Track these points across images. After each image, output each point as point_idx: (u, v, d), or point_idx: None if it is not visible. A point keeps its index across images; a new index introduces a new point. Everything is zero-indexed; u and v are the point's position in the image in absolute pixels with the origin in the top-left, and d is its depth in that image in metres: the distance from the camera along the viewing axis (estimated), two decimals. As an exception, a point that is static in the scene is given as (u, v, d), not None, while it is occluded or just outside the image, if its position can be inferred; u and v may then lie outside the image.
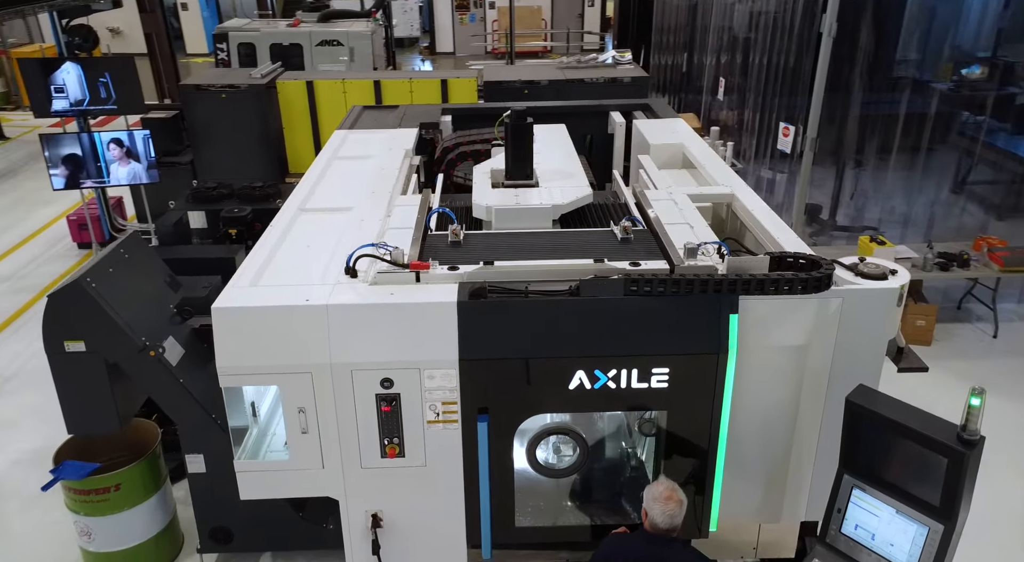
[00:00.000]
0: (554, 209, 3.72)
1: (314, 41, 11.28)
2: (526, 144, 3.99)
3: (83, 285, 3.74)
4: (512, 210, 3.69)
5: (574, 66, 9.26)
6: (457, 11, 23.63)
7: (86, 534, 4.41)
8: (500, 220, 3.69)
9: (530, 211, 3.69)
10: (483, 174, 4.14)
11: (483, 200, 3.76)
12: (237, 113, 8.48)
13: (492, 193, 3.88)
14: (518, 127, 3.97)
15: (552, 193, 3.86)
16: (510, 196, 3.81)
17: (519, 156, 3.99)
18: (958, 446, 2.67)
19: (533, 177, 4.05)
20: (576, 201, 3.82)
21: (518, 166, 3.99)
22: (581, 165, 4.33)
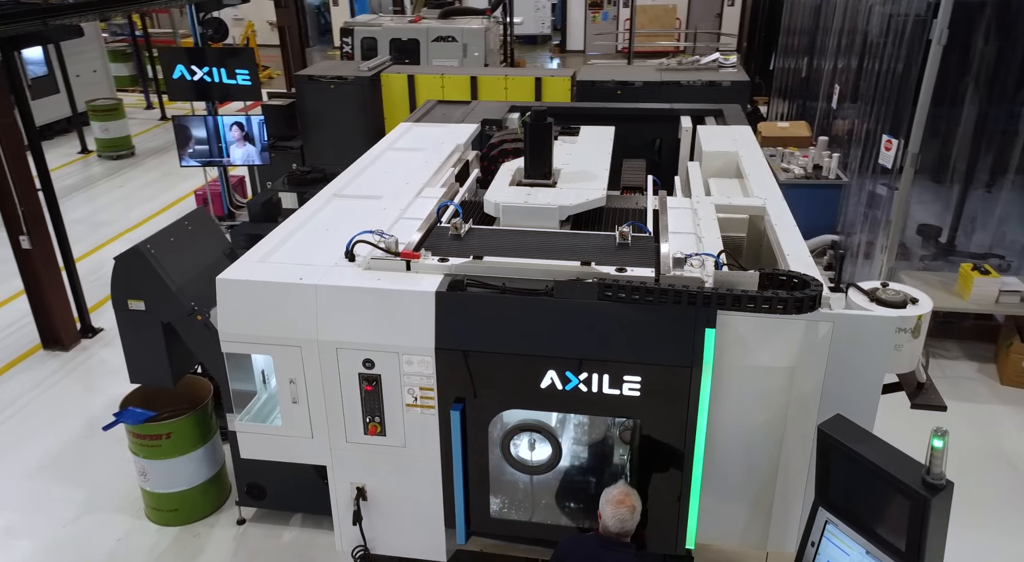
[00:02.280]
0: (560, 210, 3.74)
1: (430, 37, 11.74)
2: (545, 144, 4.03)
3: (143, 250, 4.22)
4: (519, 208, 3.76)
5: (673, 68, 9.08)
6: (590, 9, 23.60)
7: (143, 474, 4.96)
8: (507, 217, 3.78)
9: (536, 210, 3.74)
10: (507, 171, 4.23)
11: (494, 196, 3.86)
12: (343, 103, 9.03)
13: (506, 190, 3.96)
14: (536, 127, 4.02)
15: (563, 194, 3.89)
16: (521, 194, 3.88)
17: (537, 156, 4.05)
18: (921, 490, 2.48)
19: (552, 177, 4.08)
20: (584, 203, 3.83)
21: (536, 166, 4.05)
22: (606, 168, 4.31)
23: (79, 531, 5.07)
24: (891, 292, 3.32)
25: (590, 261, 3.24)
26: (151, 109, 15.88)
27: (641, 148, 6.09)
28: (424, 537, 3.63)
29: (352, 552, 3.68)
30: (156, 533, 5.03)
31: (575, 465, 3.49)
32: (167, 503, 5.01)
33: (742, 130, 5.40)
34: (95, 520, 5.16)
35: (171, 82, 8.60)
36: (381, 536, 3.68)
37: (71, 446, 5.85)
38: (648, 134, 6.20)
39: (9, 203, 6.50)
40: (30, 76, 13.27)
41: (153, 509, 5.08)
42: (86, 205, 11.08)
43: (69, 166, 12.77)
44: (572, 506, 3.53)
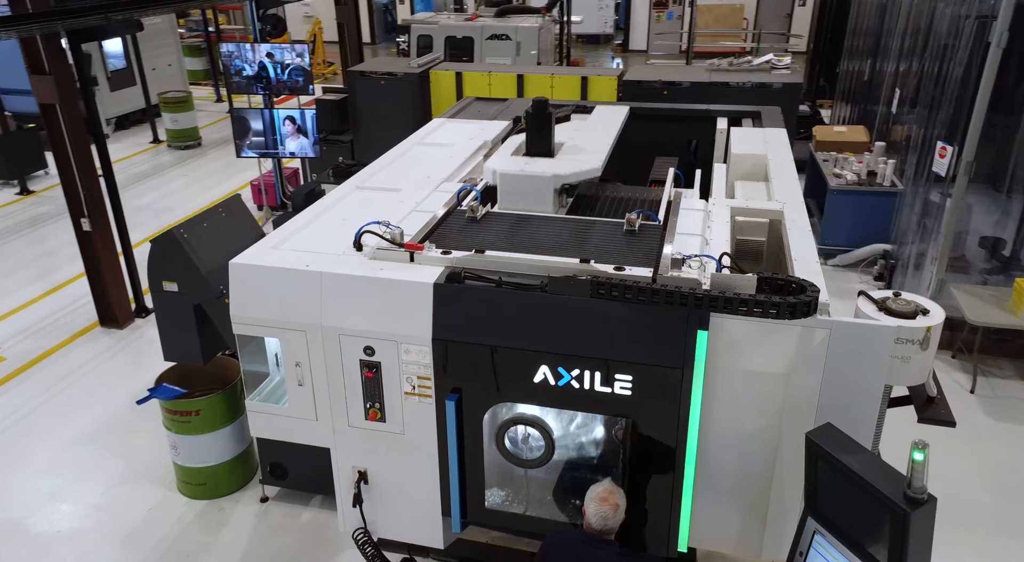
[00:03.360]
0: (555, 178, 3.84)
1: (485, 35, 11.85)
2: (545, 129, 4.11)
3: (176, 234, 4.43)
4: (515, 175, 3.88)
5: (723, 69, 8.93)
6: (655, 8, 23.32)
7: (174, 448, 5.21)
8: (504, 184, 3.89)
9: (531, 178, 3.83)
10: (512, 143, 4.36)
11: (493, 164, 3.97)
12: (393, 98, 9.24)
13: (507, 159, 4.06)
14: (537, 116, 4.08)
15: (559, 164, 3.96)
16: (520, 163, 3.97)
17: (538, 136, 4.12)
18: (901, 503, 2.42)
19: (552, 153, 4.14)
20: (578, 173, 3.90)
21: (536, 144, 4.13)
22: (608, 144, 4.36)
23: (115, 498, 5.37)
24: (901, 302, 3.23)
25: (589, 259, 3.25)
26: (220, 102, 16.52)
27: (678, 148, 6.04)
28: (422, 524, 3.72)
29: (353, 534, 3.79)
30: (184, 505, 5.28)
31: (570, 461, 3.50)
32: (196, 477, 5.25)
33: (776, 133, 5.29)
34: (131, 489, 5.45)
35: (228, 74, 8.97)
36: (381, 520, 3.79)
37: (117, 418, 6.18)
38: (686, 135, 6.14)
39: (72, 187, 6.91)
40: (110, 69, 14.01)
41: (183, 482, 5.33)
42: (152, 192, 11.63)
43: (140, 155, 13.42)
44: (566, 502, 3.55)
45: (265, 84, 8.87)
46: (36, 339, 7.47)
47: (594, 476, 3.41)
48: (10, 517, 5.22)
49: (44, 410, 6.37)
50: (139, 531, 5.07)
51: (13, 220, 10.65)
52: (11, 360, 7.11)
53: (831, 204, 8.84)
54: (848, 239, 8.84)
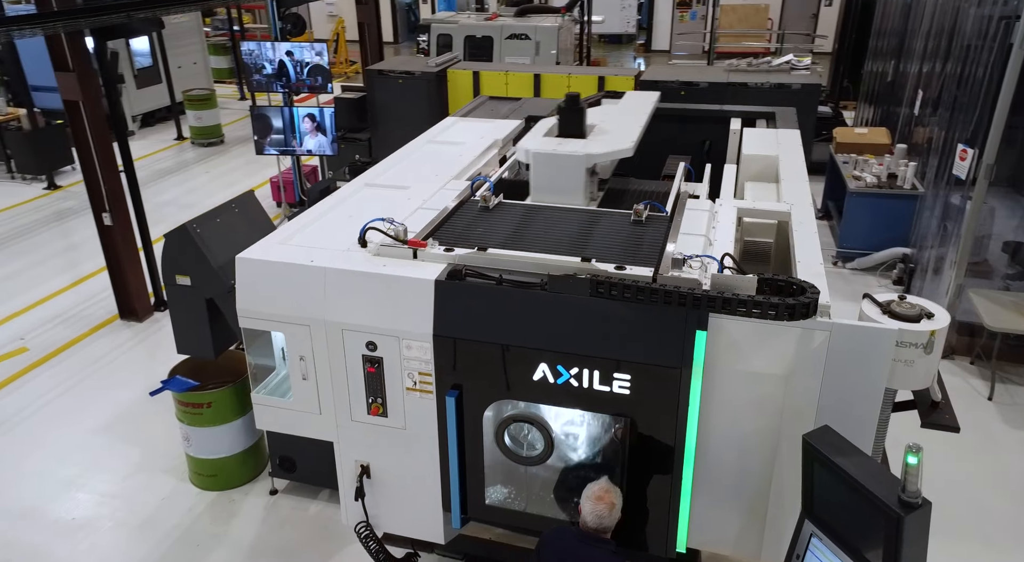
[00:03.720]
0: (587, 157, 3.87)
1: (504, 34, 11.87)
2: (578, 112, 4.16)
3: (188, 229, 4.52)
4: (548, 155, 3.91)
5: (742, 69, 8.86)
6: (678, 8, 23.19)
7: (186, 439, 5.30)
8: (537, 163, 3.94)
9: (565, 157, 3.87)
10: (544, 125, 4.39)
11: (526, 144, 4.01)
12: (410, 97, 9.30)
13: (539, 139, 4.10)
14: (569, 109, 4.11)
15: (592, 144, 4.00)
16: (552, 143, 4.01)
17: (570, 119, 4.18)
18: (895, 507, 2.40)
19: (584, 135, 4.17)
20: (611, 152, 3.94)
21: (568, 125, 4.18)
22: (640, 125, 4.38)
23: (130, 487, 5.48)
24: (906, 305, 3.19)
25: (591, 257, 3.26)
26: (244, 100, 16.74)
27: (692, 149, 6.02)
28: (423, 518, 3.75)
29: (356, 527, 3.83)
30: (196, 496, 5.37)
31: (570, 460, 3.51)
32: (207, 468, 5.34)
33: (789, 134, 5.25)
34: (145, 479, 5.55)
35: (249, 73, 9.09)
36: (384, 514, 3.83)
37: (133, 409, 6.30)
38: (699, 135, 6.11)
39: (94, 183, 7.05)
40: (137, 66, 14.25)
41: (195, 473, 5.42)
42: (176, 188, 11.82)
43: (165, 151, 13.65)
44: (567, 500, 3.56)
45: (285, 82, 8.97)
46: (58, 330, 7.63)
47: (594, 475, 3.42)
48: (29, 503, 5.35)
49: (64, 400, 6.52)
50: (151, 520, 5.17)
51: (41, 214, 10.88)
52: (34, 351, 7.28)
53: (850, 207, 8.74)
54: (867, 242, 8.74)
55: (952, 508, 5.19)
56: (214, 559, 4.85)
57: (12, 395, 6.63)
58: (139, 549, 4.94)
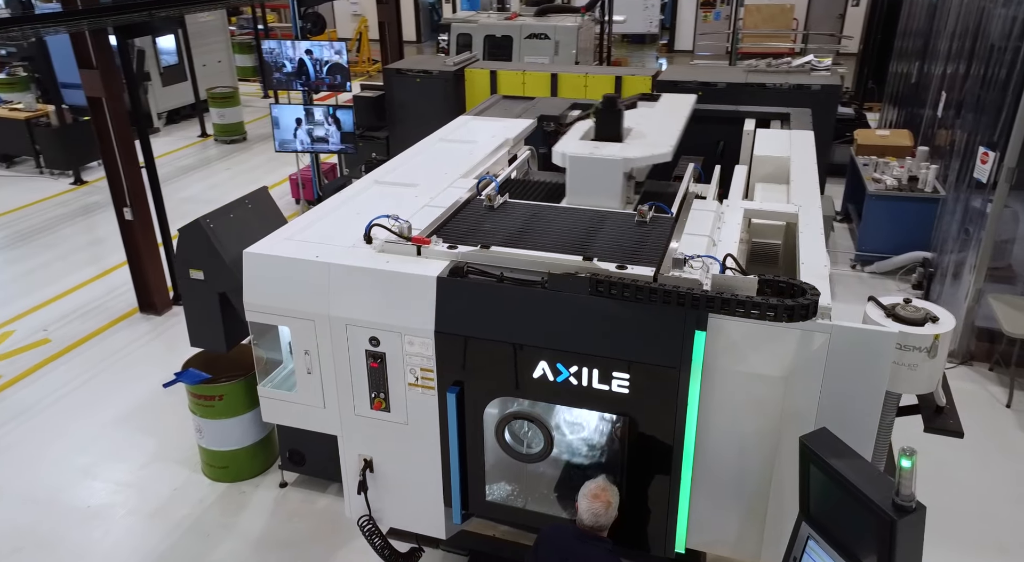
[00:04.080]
0: (624, 162, 3.84)
1: (523, 34, 11.89)
2: (615, 114, 4.13)
3: (202, 224, 4.59)
4: (585, 159, 3.89)
5: (761, 70, 8.79)
6: (702, 8, 23.03)
7: (199, 431, 5.39)
8: (574, 167, 3.93)
9: (602, 162, 3.85)
10: (580, 128, 4.36)
11: (563, 147, 3.99)
12: (428, 96, 9.34)
13: (575, 142, 4.08)
14: (607, 111, 4.10)
15: (629, 148, 3.97)
16: (589, 146, 3.99)
17: (607, 122, 4.15)
18: (888, 510, 2.38)
19: (621, 139, 4.15)
20: (648, 157, 3.90)
21: (605, 128, 4.15)
22: (678, 130, 4.34)
23: (143, 477, 5.58)
24: (911, 309, 3.17)
25: (592, 256, 3.27)
26: (267, 98, 16.91)
27: (706, 149, 5.99)
28: (424, 513, 3.78)
29: (358, 520, 3.87)
30: (207, 487, 5.46)
31: (570, 458, 3.52)
32: (219, 460, 5.42)
33: (803, 135, 5.20)
34: (158, 469, 5.66)
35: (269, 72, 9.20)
36: (387, 508, 3.87)
37: (149, 400, 6.42)
38: (713, 136, 6.09)
39: (116, 178, 7.19)
40: (163, 64, 14.48)
41: (207, 464, 5.51)
42: (198, 184, 11.99)
43: (188, 148, 13.85)
44: (567, 497, 3.57)
45: (304, 81, 9.07)
46: (80, 322, 7.79)
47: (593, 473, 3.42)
48: (46, 491, 5.47)
49: (83, 390, 6.66)
50: (163, 509, 5.27)
51: (67, 208, 11.11)
52: (56, 342, 7.44)
53: (869, 210, 8.64)
54: (887, 246, 8.63)
55: (968, 516, 5.12)
56: (222, 550, 4.93)
57: (34, 385, 6.78)
58: (150, 538, 5.03)
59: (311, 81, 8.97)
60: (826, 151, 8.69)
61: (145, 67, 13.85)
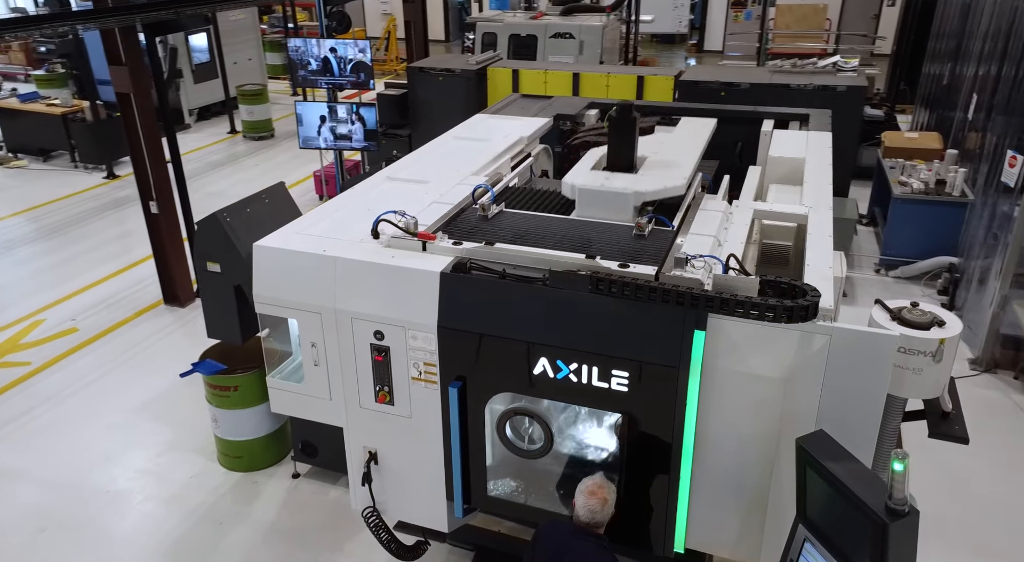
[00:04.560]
0: (635, 195, 3.69)
1: (548, 33, 11.89)
2: (629, 137, 3.96)
3: (219, 218, 4.69)
4: (594, 191, 3.74)
5: (786, 70, 8.70)
6: (732, 8, 22.81)
7: (215, 421, 5.50)
8: (583, 199, 3.78)
9: (611, 195, 3.72)
10: (592, 156, 4.16)
11: (573, 179, 3.84)
12: (450, 94, 9.41)
13: (586, 173, 3.93)
14: (621, 121, 3.98)
15: (642, 180, 3.82)
16: (600, 178, 3.84)
17: (620, 148, 3.96)
18: (881, 514, 2.36)
19: (634, 168, 4.01)
20: (661, 190, 3.73)
21: (618, 157, 3.97)
22: (695, 159, 4.18)
23: (161, 464, 5.71)
24: (917, 313, 3.14)
25: (595, 255, 3.27)
26: (296, 96, 17.13)
27: (724, 150, 5.95)
28: (428, 507, 3.82)
29: (362, 511, 3.93)
30: (222, 476, 5.57)
31: (571, 455, 3.54)
32: (233, 450, 5.53)
33: (820, 136, 5.15)
34: (176, 457, 5.78)
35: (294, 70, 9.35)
36: (391, 500, 3.91)
37: (170, 390, 6.56)
38: (732, 136, 6.04)
39: (142, 172, 7.36)
40: (195, 62, 14.75)
41: (222, 454, 5.62)
42: (225, 180, 12.20)
43: (217, 144, 14.09)
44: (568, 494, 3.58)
45: (329, 78, 9.19)
46: (107, 313, 7.98)
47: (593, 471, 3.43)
48: (70, 474, 5.63)
49: (108, 379, 6.83)
50: (179, 496, 5.39)
51: (99, 202, 11.38)
52: (83, 331, 7.64)
53: (894, 213, 8.49)
54: (912, 250, 8.48)
55: (989, 528, 5.03)
56: (234, 537, 5.03)
57: (61, 372, 6.98)
58: (165, 523, 5.15)
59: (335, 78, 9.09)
60: (851, 153, 8.58)
61: (177, 64, 14.13)
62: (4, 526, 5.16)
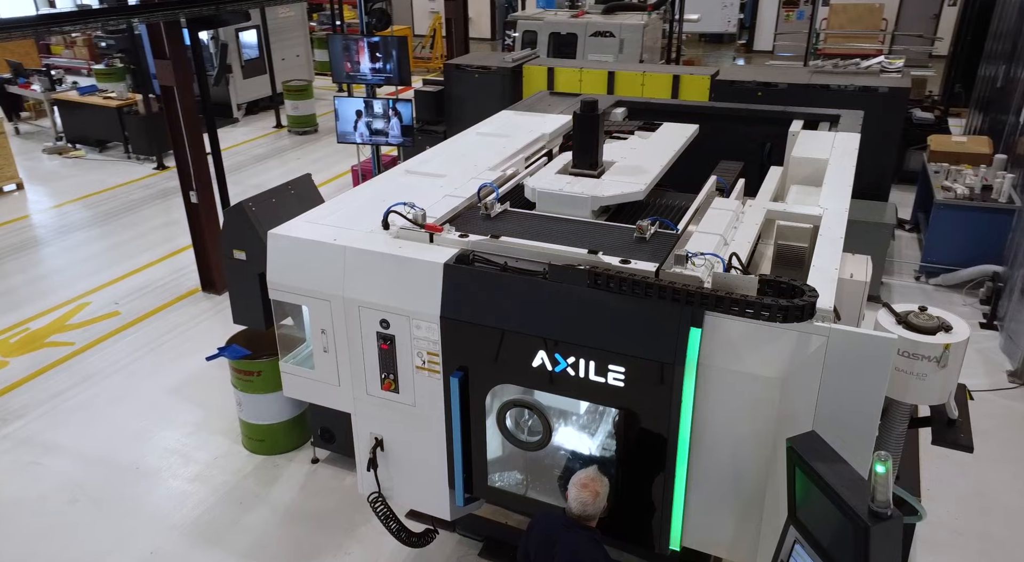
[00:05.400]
0: (592, 200, 3.77)
1: (588, 31, 11.87)
2: (592, 135, 4.05)
3: (244, 207, 4.83)
4: (553, 195, 3.83)
5: (826, 70, 8.52)
6: (784, 7, 22.37)
7: (239, 404, 5.68)
8: (542, 202, 3.88)
9: (569, 198, 3.80)
10: (561, 160, 4.32)
11: (534, 182, 3.97)
12: (486, 91, 9.47)
13: (549, 177, 4.05)
14: (584, 118, 4.06)
15: (602, 185, 3.91)
16: (561, 182, 3.95)
17: (583, 147, 4.08)
18: (863, 516, 2.33)
19: (598, 168, 4.10)
20: (618, 196, 3.81)
21: (582, 157, 4.07)
22: (662, 165, 4.23)
23: (188, 444, 5.92)
24: (924, 317, 3.09)
25: (598, 251, 3.29)
26: (342, 92, 17.45)
27: (753, 151, 5.88)
28: (431, 494, 3.89)
29: (368, 497, 4.02)
30: (245, 458, 5.75)
31: (569, 448, 3.56)
32: (256, 433, 5.70)
33: (847, 138, 5.05)
34: (202, 438, 5.99)
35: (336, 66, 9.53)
36: (396, 487, 3.99)
37: (201, 374, 6.78)
38: (760, 137, 5.97)
39: (183, 163, 7.61)
40: (244, 58, 15.15)
41: (246, 437, 5.80)
42: (268, 172, 12.52)
43: (263, 138, 14.46)
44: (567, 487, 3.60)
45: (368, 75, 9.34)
46: (148, 298, 8.29)
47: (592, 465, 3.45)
48: (103, 450, 5.88)
49: (144, 361, 7.10)
50: (202, 476, 5.58)
51: (148, 192, 11.80)
52: (125, 315, 7.95)
53: (936, 219, 8.25)
54: (955, 257, 8.22)
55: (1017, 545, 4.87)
56: (252, 517, 5.19)
57: (102, 352, 7.28)
58: (189, 500, 5.34)
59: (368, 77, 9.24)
60: (891, 156, 8.35)
61: (228, 60, 14.53)
62: (40, 496, 5.42)
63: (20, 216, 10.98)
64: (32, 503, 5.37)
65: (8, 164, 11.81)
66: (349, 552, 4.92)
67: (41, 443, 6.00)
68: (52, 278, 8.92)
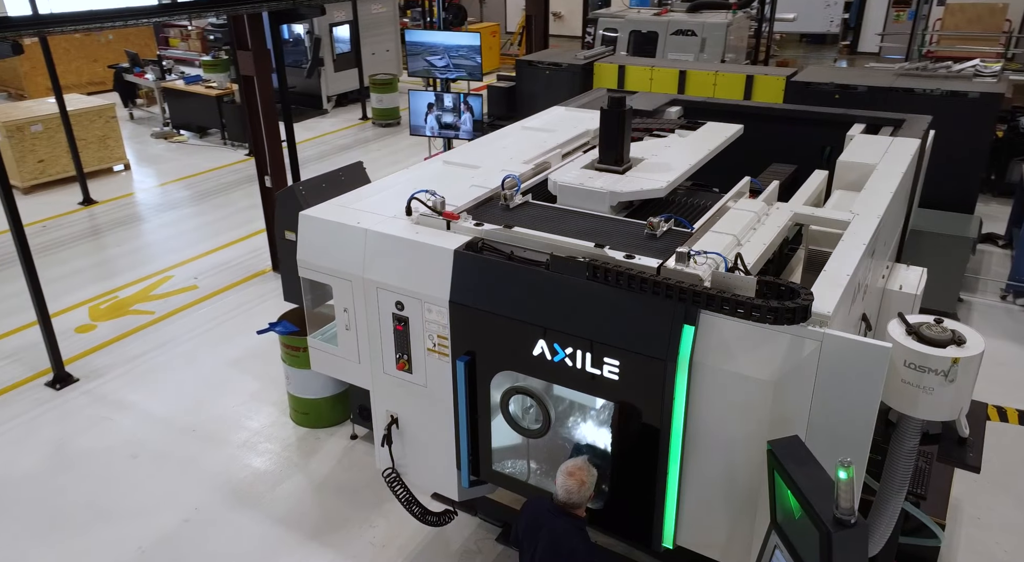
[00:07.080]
0: (611, 195, 3.77)
1: (670, 30, 11.70)
2: (616, 131, 4.04)
3: (295, 190, 5.11)
4: (573, 188, 3.86)
5: (912, 73, 8.08)
6: (894, 7, 21.23)
7: (287, 378, 5.99)
8: (562, 196, 3.92)
9: (588, 192, 3.82)
10: (592, 155, 4.33)
11: (557, 176, 4.01)
12: (556, 87, 9.49)
13: (573, 171, 4.07)
14: (610, 114, 4.06)
15: (622, 181, 3.90)
16: (583, 176, 3.97)
17: (608, 143, 4.08)
18: (827, 523, 2.27)
19: (623, 164, 4.09)
20: (637, 192, 3.80)
21: (607, 152, 4.08)
22: (691, 163, 4.17)
23: (240, 413, 6.29)
24: (937, 330, 2.95)
25: (604, 245, 3.31)
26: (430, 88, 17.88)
27: (812, 154, 5.71)
28: (440, 474, 4.01)
29: (383, 472, 4.18)
30: (291, 429, 6.06)
31: (570, 437, 3.60)
32: (301, 406, 6.00)
33: (904, 143, 4.82)
34: (254, 408, 6.35)
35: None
36: (409, 465, 4.14)
37: (263, 347, 7.17)
38: (821, 140, 5.78)
39: (260, 149, 8.06)
40: (336, 52, 15.77)
41: (293, 409, 6.11)
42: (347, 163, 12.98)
43: (348, 129, 15.02)
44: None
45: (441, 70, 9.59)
46: (224, 274, 8.83)
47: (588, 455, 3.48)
48: (165, 413, 6.34)
49: (213, 333, 7.58)
50: (249, 443, 5.92)
51: (238, 176, 12.50)
52: (202, 289, 8.50)
53: (1026, 235, 7.71)
54: (1046, 277, 7.66)
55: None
56: (289, 484, 5.48)
57: (178, 322, 7.82)
58: (234, 464, 5.69)
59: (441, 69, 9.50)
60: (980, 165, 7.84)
61: (320, 54, 15.17)
62: (106, 448, 5.91)
63: (125, 194, 11.88)
64: (99, 454, 5.86)
65: (118, 146, 12.78)
66: (374, 525, 5.12)
67: (115, 401, 6.53)
68: (144, 251, 9.63)
